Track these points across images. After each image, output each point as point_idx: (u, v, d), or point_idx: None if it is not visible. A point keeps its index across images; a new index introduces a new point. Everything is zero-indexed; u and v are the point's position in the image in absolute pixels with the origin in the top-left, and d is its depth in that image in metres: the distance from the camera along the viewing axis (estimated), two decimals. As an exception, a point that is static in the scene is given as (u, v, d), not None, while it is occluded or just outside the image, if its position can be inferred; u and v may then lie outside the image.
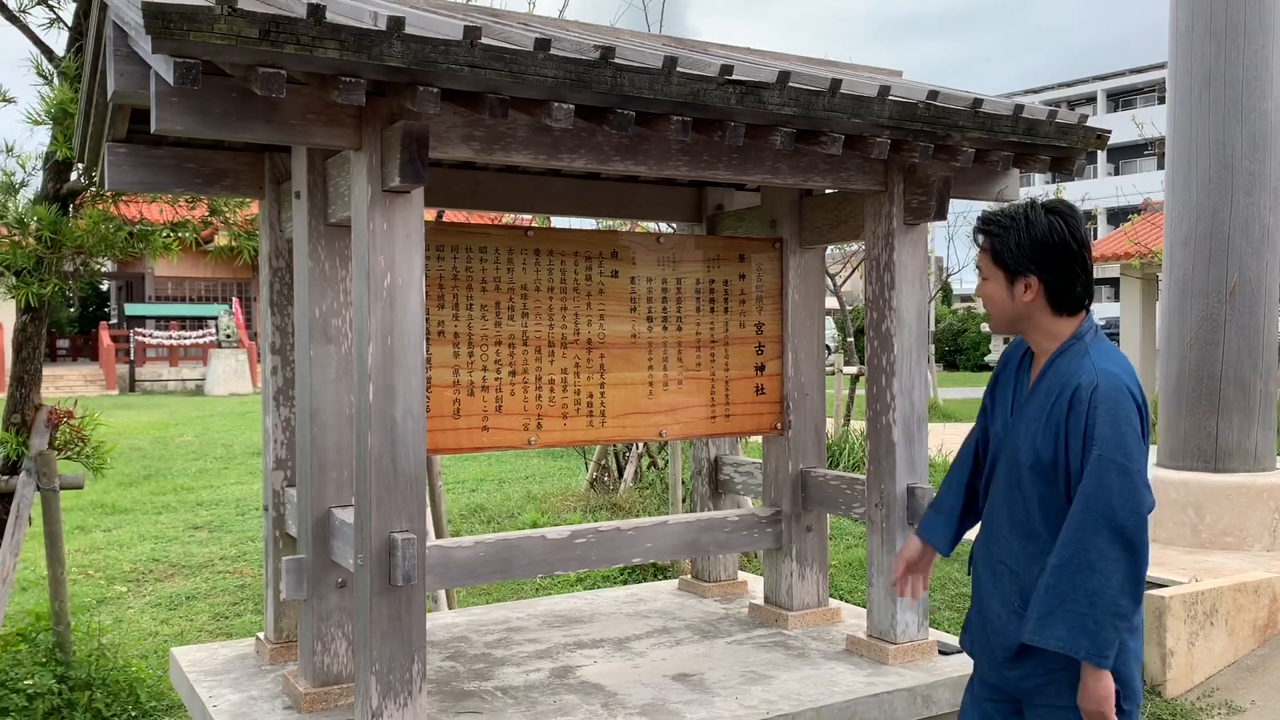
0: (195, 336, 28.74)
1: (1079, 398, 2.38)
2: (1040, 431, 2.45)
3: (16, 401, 4.55)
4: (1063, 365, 2.48)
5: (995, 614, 2.55)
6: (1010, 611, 2.51)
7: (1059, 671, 2.43)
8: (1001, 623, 2.52)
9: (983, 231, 2.57)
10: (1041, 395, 2.50)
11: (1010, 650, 2.50)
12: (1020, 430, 2.52)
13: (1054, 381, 2.47)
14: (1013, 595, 2.51)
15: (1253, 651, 5.41)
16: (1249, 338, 7.01)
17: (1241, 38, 6.92)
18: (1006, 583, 2.54)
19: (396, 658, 2.93)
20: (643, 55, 2.84)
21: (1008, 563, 2.54)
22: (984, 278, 2.59)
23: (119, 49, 2.73)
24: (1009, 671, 2.53)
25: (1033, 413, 2.50)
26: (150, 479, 11.46)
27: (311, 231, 3.26)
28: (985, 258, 2.57)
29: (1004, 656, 2.52)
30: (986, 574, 2.60)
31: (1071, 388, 2.41)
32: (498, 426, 3.63)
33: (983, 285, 2.59)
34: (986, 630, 2.59)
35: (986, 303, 2.60)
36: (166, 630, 6.06)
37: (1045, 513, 2.46)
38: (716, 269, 4.09)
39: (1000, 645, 2.53)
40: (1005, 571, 2.54)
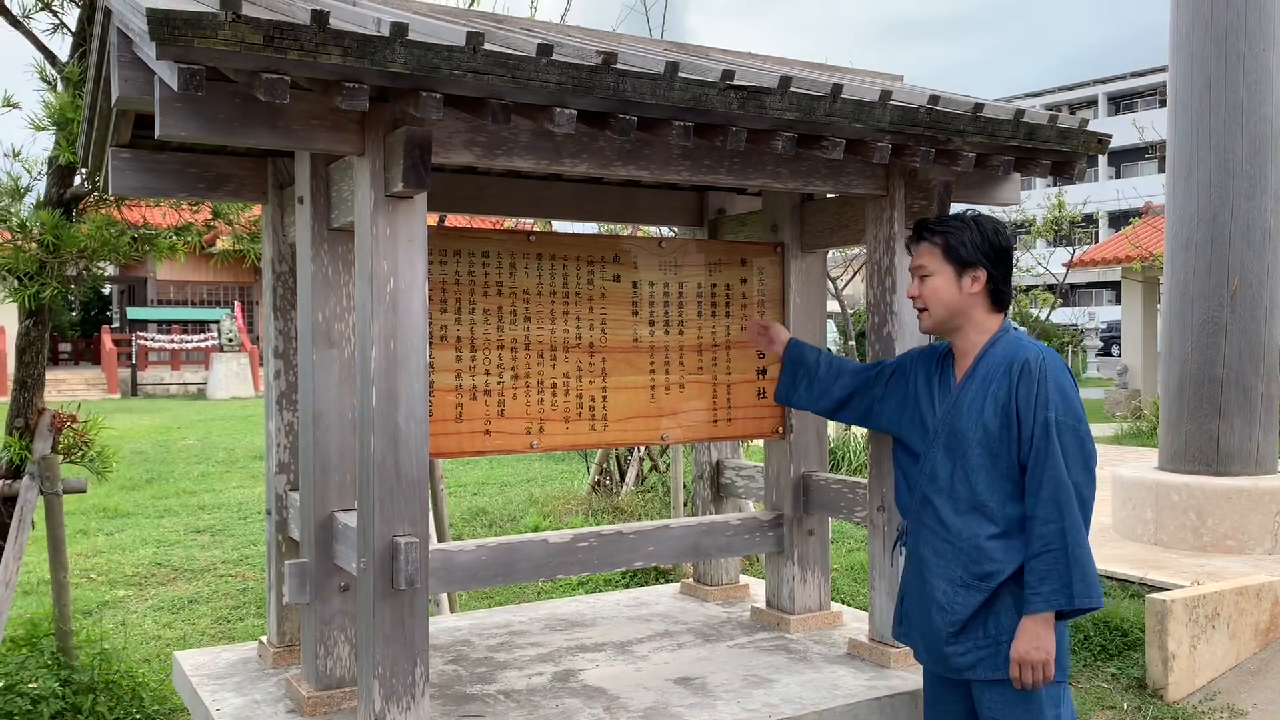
0: (197, 340, 28.78)
1: (1028, 369, 2.67)
2: (985, 408, 2.72)
3: (19, 405, 4.56)
4: (998, 351, 2.77)
5: (941, 591, 2.78)
6: (956, 585, 2.75)
7: (1002, 644, 2.68)
8: (948, 598, 2.76)
9: (934, 230, 2.86)
10: (979, 379, 2.77)
11: (956, 624, 2.74)
12: (961, 415, 2.78)
13: (991, 365, 2.76)
14: (958, 569, 2.75)
15: (1254, 655, 5.41)
16: (1250, 341, 7.02)
17: (1242, 42, 6.93)
18: (951, 559, 2.77)
19: (399, 661, 2.94)
20: (644, 61, 2.85)
21: (953, 541, 2.77)
22: (926, 274, 2.84)
23: (123, 55, 2.74)
24: (951, 647, 2.75)
25: (972, 395, 2.77)
26: (152, 483, 11.48)
27: (314, 236, 3.27)
28: (934, 254, 2.83)
29: (949, 631, 2.75)
30: (930, 554, 2.83)
31: (1019, 362, 2.69)
32: (500, 430, 3.64)
33: (926, 282, 2.84)
34: (930, 611, 2.81)
35: (929, 298, 2.84)
36: (169, 634, 6.07)
37: (991, 483, 2.72)
38: (718, 273, 4.10)
39: (946, 621, 2.76)
40: (949, 549, 2.78)
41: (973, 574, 2.72)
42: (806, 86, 3.07)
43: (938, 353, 3.00)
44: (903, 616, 2.99)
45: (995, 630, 2.71)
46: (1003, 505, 2.70)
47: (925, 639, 2.86)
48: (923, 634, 2.87)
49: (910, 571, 2.95)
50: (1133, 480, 7.35)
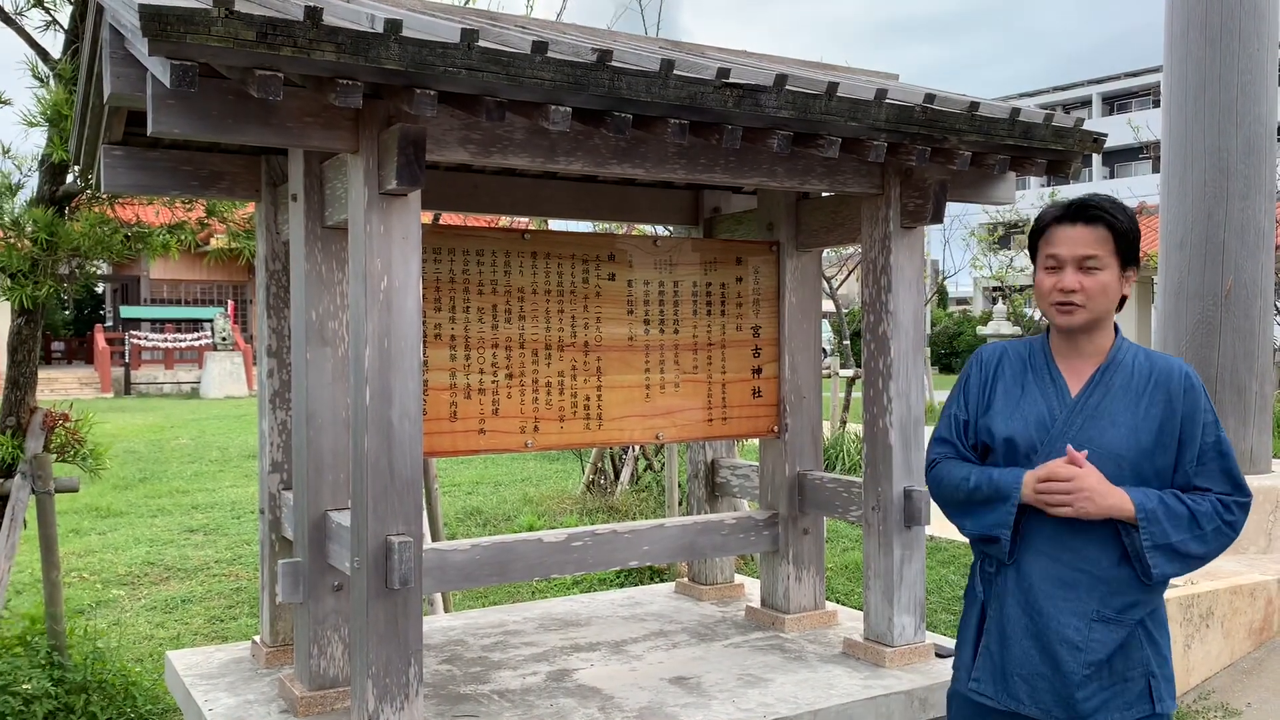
0: (190, 339, 28.71)
1: (1191, 384, 2.44)
2: (1141, 424, 2.43)
3: (12, 404, 4.54)
4: (1130, 359, 2.49)
5: (1074, 629, 2.41)
6: (1093, 620, 2.41)
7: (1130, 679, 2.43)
8: (1083, 636, 2.41)
9: (1111, 216, 2.44)
10: (1119, 389, 2.46)
11: (1093, 665, 2.40)
12: (1101, 427, 2.45)
13: (1132, 374, 2.47)
14: (1093, 602, 2.41)
15: (1249, 654, 5.42)
16: (1244, 341, 7.03)
17: (1236, 42, 6.94)
18: (1084, 591, 2.42)
19: (393, 661, 2.93)
20: (640, 58, 2.84)
21: (1088, 569, 2.42)
22: (1096, 267, 2.43)
23: (115, 51, 2.73)
24: (1082, 691, 2.40)
25: (1113, 407, 2.45)
26: (145, 482, 11.44)
27: (308, 234, 3.25)
28: (1107, 244, 2.44)
29: (1085, 674, 2.40)
30: (1052, 587, 2.44)
31: (1178, 376, 2.45)
32: (495, 429, 3.62)
33: (1095, 276, 2.43)
34: (1054, 651, 2.42)
35: (1095, 294, 2.44)
36: (162, 634, 6.05)
37: None
38: (713, 272, 4.10)
39: (1081, 662, 2.40)
40: (1084, 579, 2.42)
41: (1113, 606, 2.40)
42: (802, 85, 3.07)
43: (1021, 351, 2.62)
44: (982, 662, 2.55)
45: (1124, 666, 2.42)
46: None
47: (1040, 683, 2.45)
48: (1035, 678, 2.45)
49: (1012, 605, 2.49)
50: (1127, 480, 7.35)
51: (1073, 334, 2.52)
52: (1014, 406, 2.55)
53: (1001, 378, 2.61)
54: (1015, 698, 2.47)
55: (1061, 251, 2.46)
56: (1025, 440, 2.51)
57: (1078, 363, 2.53)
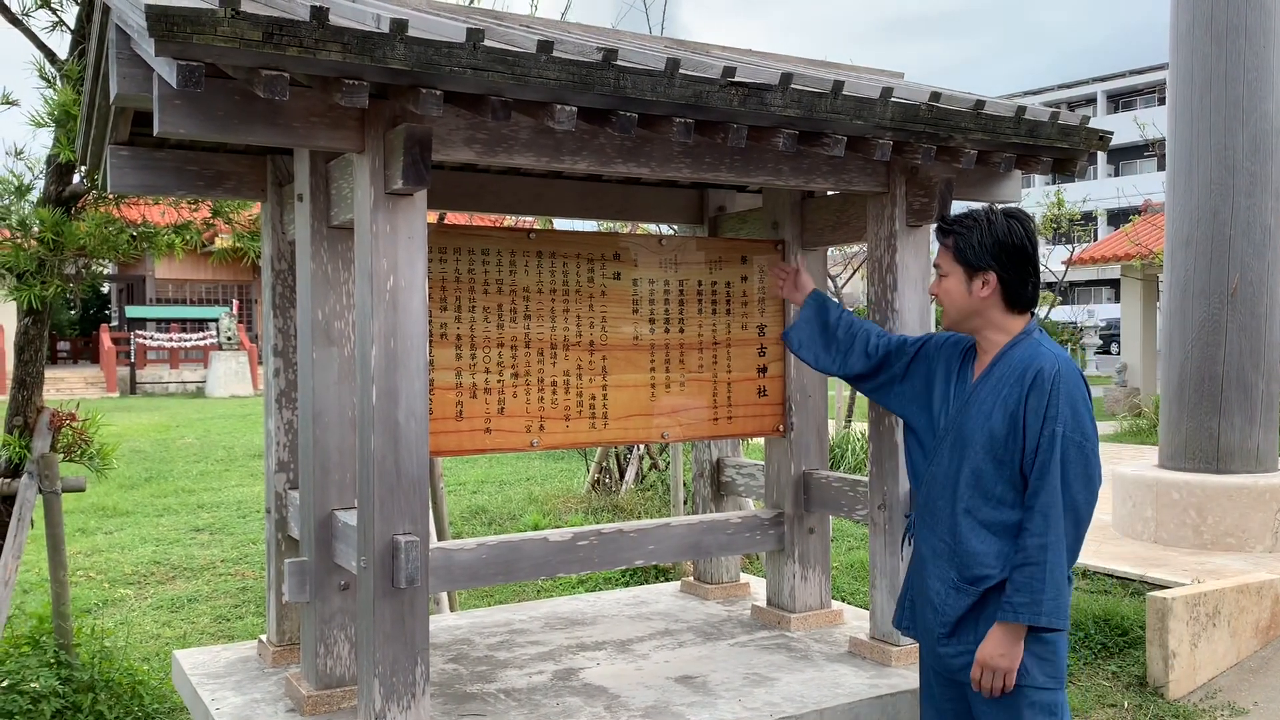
0: (196, 339, 28.77)
1: (1041, 378, 2.61)
2: (995, 412, 2.67)
3: (18, 404, 4.55)
4: (1016, 354, 2.71)
5: (935, 591, 2.77)
6: (949, 587, 2.74)
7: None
8: (941, 599, 2.75)
9: (946, 230, 2.80)
10: (993, 382, 2.71)
11: (947, 625, 2.73)
12: (971, 415, 2.73)
13: (1007, 369, 2.71)
14: (950, 571, 2.73)
15: (1255, 653, 5.41)
16: (1251, 339, 7.01)
17: (1242, 39, 6.92)
18: (945, 560, 2.75)
19: (399, 660, 2.93)
20: (645, 57, 2.84)
21: (947, 540, 2.75)
22: (943, 274, 2.80)
23: (121, 52, 2.74)
24: (943, 648, 2.74)
25: (984, 397, 2.72)
26: (151, 481, 11.47)
27: (314, 234, 3.26)
28: (946, 255, 2.79)
29: (942, 631, 2.74)
30: (929, 553, 2.81)
31: (1033, 370, 2.63)
32: (500, 428, 3.63)
33: (941, 282, 2.81)
34: (925, 609, 2.82)
35: (944, 298, 2.81)
36: (169, 633, 6.07)
37: (990, 489, 2.67)
38: (718, 271, 4.10)
39: (938, 621, 2.75)
40: (944, 549, 2.76)
41: (964, 577, 2.70)
42: (807, 83, 3.07)
43: (963, 345, 2.92)
44: (904, 610, 2.99)
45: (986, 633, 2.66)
46: (1000, 510, 2.66)
47: (922, 635, 2.89)
48: (921, 629, 2.90)
49: (913, 566, 2.94)
50: (1133, 478, 7.35)
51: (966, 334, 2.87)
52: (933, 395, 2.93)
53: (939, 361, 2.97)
54: (918, 642, 2.95)
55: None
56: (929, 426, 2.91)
57: (982, 358, 2.83)
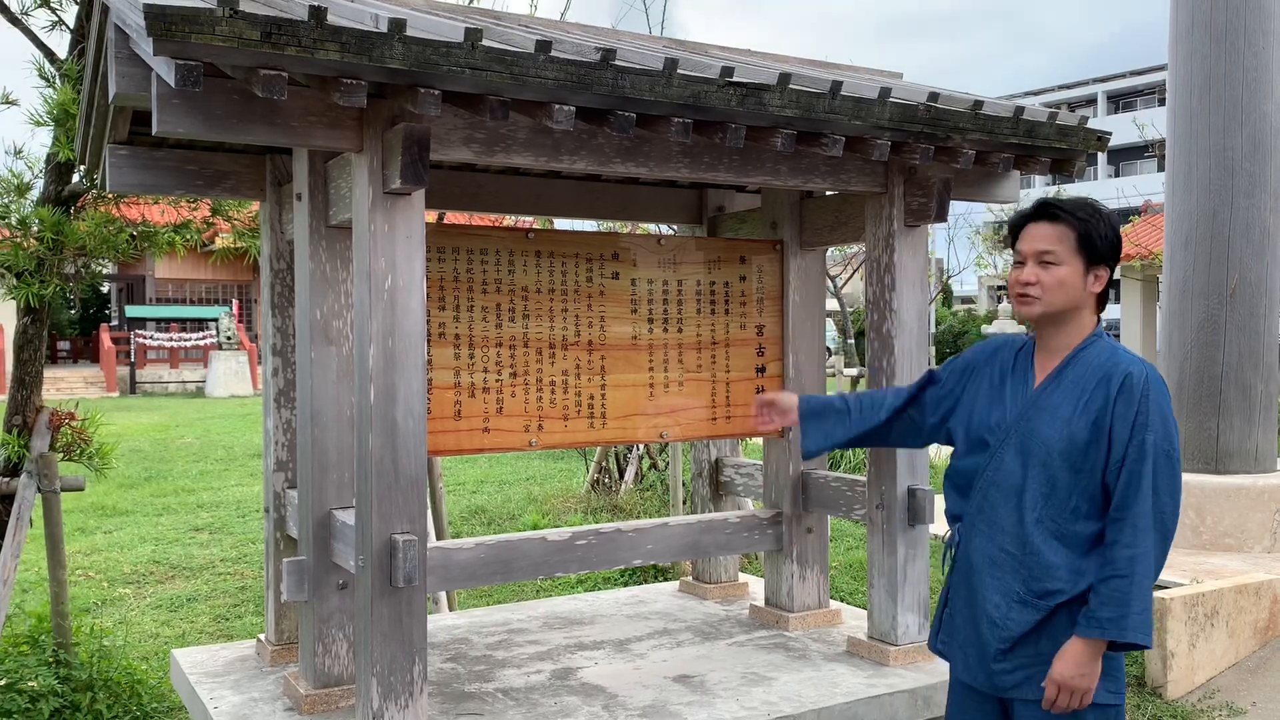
0: (196, 338, 28.76)
1: (1130, 384, 2.45)
2: (1075, 419, 2.49)
3: (18, 403, 4.55)
4: (1092, 357, 2.54)
5: (994, 605, 2.56)
6: (1012, 600, 2.53)
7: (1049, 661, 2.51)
8: (1001, 613, 2.55)
9: (1071, 215, 2.53)
10: (1066, 385, 2.54)
11: (1007, 641, 2.53)
12: (1044, 419, 2.54)
13: (1084, 371, 2.53)
14: (1015, 583, 2.53)
15: (1254, 653, 5.41)
16: (1250, 339, 7.01)
17: (1241, 39, 6.92)
18: (1008, 571, 2.55)
19: (397, 659, 2.94)
20: (643, 57, 2.84)
21: (1012, 550, 2.54)
22: (1053, 262, 2.51)
23: (120, 51, 2.74)
24: (998, 664, 2.55)
25: (1058, 401, 2.53)
26: (151, 481, 11.47)
27: (312, 233, 3.26)
28: (1065, 242, 2.52)
29: (1000, 648, 2.55)
30: (983, 562, 2.59)
31: (1119, 375, 2.47)
32: (499, 428, 3.63)
33: (1051, 271, 2.51)
34: (978, 624, 2.59)
35: (1051, 288, 2.52)
36: (168, 632, 6.07)
37: (1067, 497, 2.50)
38: (717, 270, 4.10)
39: (996, 637, 2.55)
40: (1007, 560, 2.55)
41: (1032, 590, 2.50)
42: (806, 83, 3.07)
43: (1015, 345, 2.72)
44: (943, 626, 2.73)
45: (1049, 649, 2.50)
46: (1075, 522, 2.49)
47: (970, 652, 2.62)
48: (967, 646, 2.63)
49: (958, 579, 2.67)
50: (1132, 478, 7.33)
51: (1042, 330, 2.62)
52: (987, 397, 2.70)
53: (990, 366, 2.75)
54: (955, 661, 2.69)
55: (1024, 247, 2.58)
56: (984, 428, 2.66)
57: (1048, 358, 2.62)
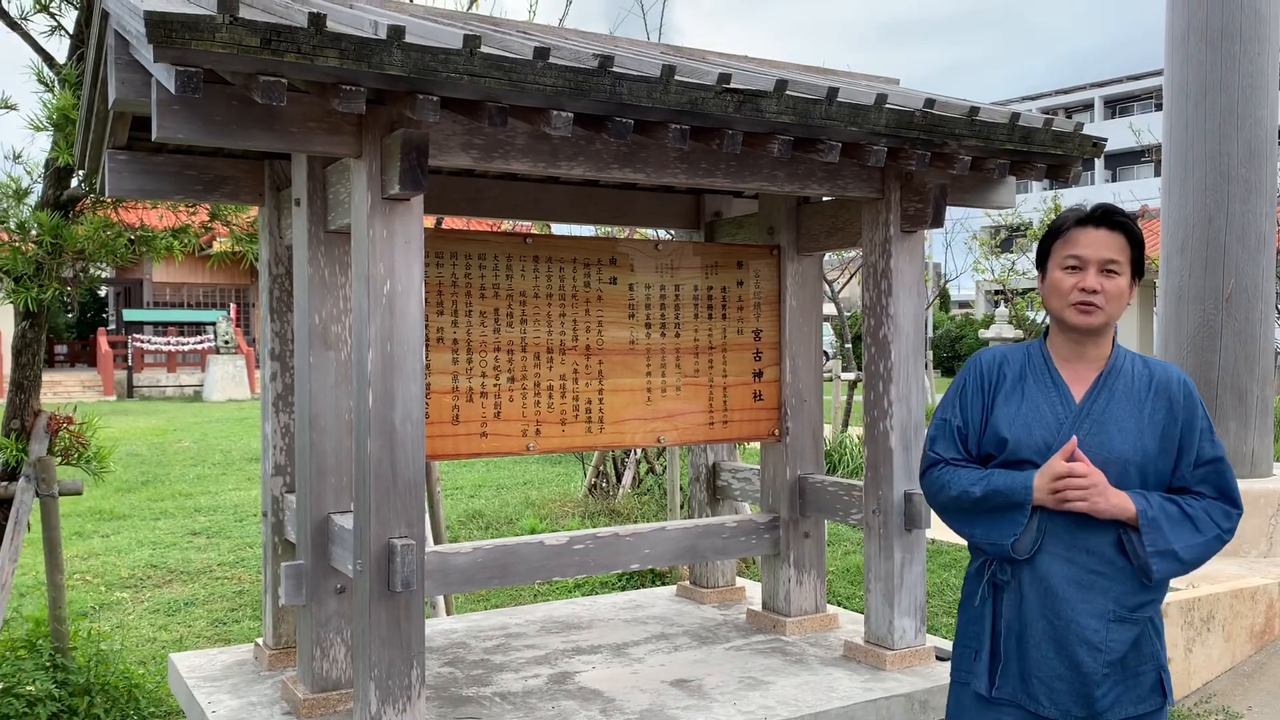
0: (193, 342, 28.74)
1: (1186, 392, 2.49)
2: (1145, 430, 2.47)
3: (16, 407, 4.55)
4: (1130, 367, 2.53)
5: (1092, 630, 2.43)
6: (1109, 620, 2.43)
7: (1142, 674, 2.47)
8: (1101, 636, 2.43)
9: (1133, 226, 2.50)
10: (1123, 397, 2.49)
11: (1110, 664, 2.43)
12: (1109, 432, 2.46)
13: (1133, 381, 2.51)
14: (1108, 603, 2.43)
15: (1250, 657, 5.42)
16: (1245, 344, 7.03)
17: (1237, 45, 6.95)
18: (1099, 593, 2.43)
19: (395, 663, 2.94)
20: (641, 64, 2.86)
21: (1101, 569, 2.44)
22: (1117, 272, 2.47)
23: (120, 57, 2.75)
24: (1100, 689, 2.43)
25: (1121, 415, 2.48)
26: (148, 485, 11.46)
27: (311, 238, 3.27)
28: (1126, 253, 2.49)
29: (1104, 672, 2.42)
30: (1070, 591, 2.44)
31: (1176, 384, 2.50)
32: (496, 432, 3.64)
33: (1114, 280, 2.47)
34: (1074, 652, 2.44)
35: (1115, 297, 2.47)
36: (165, 636, 6.07)
37: None
38: (714, 276, 4.11)
39: (1101, 661, 2.42)
40: (1098, 581, 2.44)
41: (1126, 605, 2.43)
42: (802, 90, 3.08)
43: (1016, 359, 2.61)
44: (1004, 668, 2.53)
45: (1135, 662, 2.45)
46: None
47: (1058, 687, 2.45)
48: (1054, 682, 2.46)
49: (1031, 609, 2.48)
50: (1128, 483, 7.35)
51: (1081, 338, 2.52)
52: (1015, 412, 2.54)
53: (1002, 384, 2.59)
54: (1035, 699, 2.48)
55: (1086, 253, 2.47)
56: (1030, 446, 2.49)
57: (1080, 367, 2.53)
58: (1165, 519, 2.41)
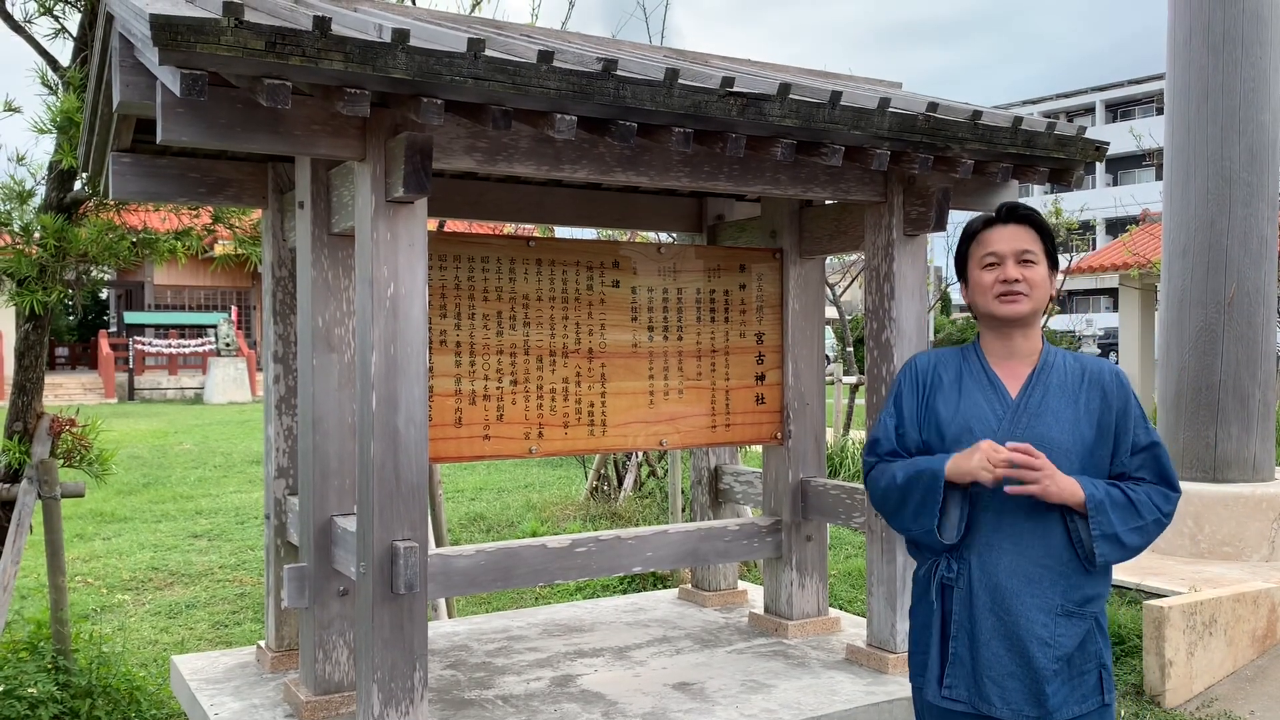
0: (194, 345, 28.75)
1: (1117, 382, 2.56)
2: (1082, 420, 2.52)
3: (18, 409, 4.55)
4: (1061, 360, 2.59)
5: (1041, 624, 2.44)
6: (1057, 615, 2.45)
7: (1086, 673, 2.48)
8: (1050, 631, 2.44)
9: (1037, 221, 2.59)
10: (1056, 388, 2.54)
11: (1061, 659, 2.44)
12: (1047, 424, 2.50)
13: (1065, 373, 2.56)
14: (1056, 596, 2.45)
15: (1252, 662, 5.41)
16: (1247, 348, 7.03)
17: (1239, 50, 6.95)
18: (1048, 585, 2.45)
19: (398, 666, 2.94)
20: (644, 67, 2.86)
21: (1049, 563, 2.46)
22: (1033, 261, 2.55)
23: (125, 60, 2.76)
24: (1051, 686, 2.43)
25: (1056, 405, 2.52)
26: (150, 487, 11.46)
27: (315, 241, 3.28)
28: (1037, 243, 2.57)
29: (1054, 669, 2.43)
30: (1019, 585, 2.46)
31: (1109, 374, 2.57)
32: (499, 435, 3.64)
33: (1033, 269, 2.54)
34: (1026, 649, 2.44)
35: (1038, 285, 2.55)
36: (166, 639, 6.07)
37: None
38: (717, 279, 4.11)
39: (1050, 657, 2.44)
40: (1046, 574, 2.46)
41: (1073, 600, 2.46)
42: (805, 93, 3.09)
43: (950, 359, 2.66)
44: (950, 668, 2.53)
45: (1081, 660, 2.47)
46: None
47: (1010, 685, 2.45)
48: (1005, 680, 2.46)
49: (980, 607, 2.49)
50: (1130, 487, 7.34)
51: (1010, 331, 2.58)
52: (954, 410, 2.59)
53: (939, 385, 2.64)
54: (988, 700, 2.47)
55: (1001, 248, 2.57)
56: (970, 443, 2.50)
57: (1012, 364, 2.60)
58: (1110, 503, 2.45)
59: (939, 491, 2.48)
